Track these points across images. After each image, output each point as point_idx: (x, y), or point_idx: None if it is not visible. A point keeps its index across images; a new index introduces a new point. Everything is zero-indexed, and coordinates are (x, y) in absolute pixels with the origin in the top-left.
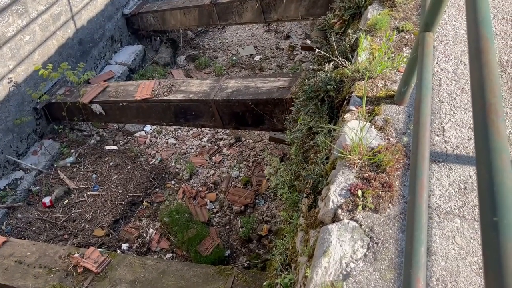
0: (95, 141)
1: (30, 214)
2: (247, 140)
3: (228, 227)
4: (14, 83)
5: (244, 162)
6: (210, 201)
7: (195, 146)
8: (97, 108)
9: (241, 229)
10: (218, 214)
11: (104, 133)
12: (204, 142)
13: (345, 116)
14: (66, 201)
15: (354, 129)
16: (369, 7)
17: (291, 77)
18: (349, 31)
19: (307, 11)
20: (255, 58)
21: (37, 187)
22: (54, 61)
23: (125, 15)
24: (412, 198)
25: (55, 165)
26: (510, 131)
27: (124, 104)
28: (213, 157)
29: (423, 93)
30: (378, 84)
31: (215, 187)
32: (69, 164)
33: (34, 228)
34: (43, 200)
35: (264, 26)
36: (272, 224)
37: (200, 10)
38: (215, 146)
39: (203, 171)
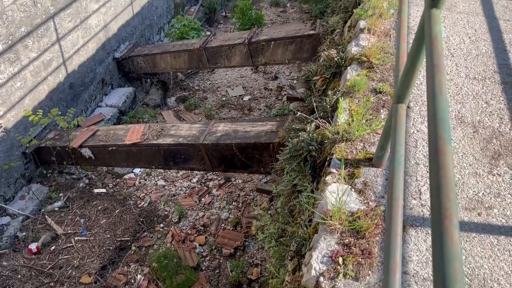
0: (84, 184)
1: (16, 261)
2: (237, 180)
3: (217, 271)
4: (4, 129)
5: (234, 203)
6: (200, 245)
7: (185, 187)
8: (86, 152)
9: (231, 273)
10: (207, 258)
11: (93, 176)
12: (194, 183)
13: (326, 179)
14: (53, 247)
15: (335, 192)
16: (348, 68)
17: (279, 121)
18: (329, 92)
19: (293, 55)
20: (244, 99)
21: (24, 233)
22: (45, 106)
23: (116, 59)
24: (386, 278)
25: (42, 210)
26: (483, 193)
27: (114, 148)
28: (203, 199)
29: (396, 167)
30: (357, 147)
31: (204, 229)
32: (57, 209)
33: (19, 276)
34: (29, 247)
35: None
36: (262, 268)
37: (190, 54)
38: (205, 187)
39: (192, 213)
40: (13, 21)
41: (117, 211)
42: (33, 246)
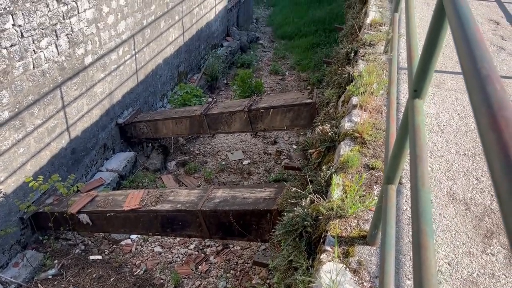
0: (79, 250)
1: None
2: (235, 247)
3: None
4: (3, 195)
5: (232, 271)
6: None
7: (182, 254)
8: (84, 218)
9: None
10: None
11: (90, 242)
12: (191, 249)
13: (321, 257)
14: None
15: (330, 273)
16: (341, 143)
17: (277, 187)
18: (324, 167)
19: (291, 122)
20: (243, 163)
21: None
22: (46, 171)
23: (119, 124)
24: None
25: (35, 278)
26: (477, 274)
27: (112, 214)
28: (200, 266)
29: (387, 251)
30: (351, 223)
31: None
32: (50, 277)
33: None
34: None
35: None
36: None
37: (191, 120)
38: (202, 254)
39: (188, 282)
40: (21, 90)
41: (111, 280)
42: None
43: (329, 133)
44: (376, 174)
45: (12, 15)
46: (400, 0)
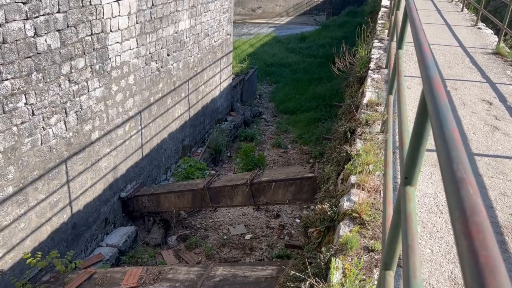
0: None
1: None
2: None
3: None
4: (0, 271)
5: None
6: None
7: None
8: None
9: None
10: None
11: None
12: None
13: None
14: None
15: None
16: (341, 223)
17: (279, 265)
18: (323, 249)
19: (293, 196)
20: (245, 237)
21: None
22: (45, 247)
23: (121, 198)
24: None
25: None
26: None
27: None
28: None
29: None
30: None
31: None
32: None
33: None
34: None
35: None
36: None
37: (193, 194)
38: None
39: None
40: (28, 166)
41: None
42: None
43: (329, 212)
44: (376, 257)
45: (25, 94)
46: (393, 83)
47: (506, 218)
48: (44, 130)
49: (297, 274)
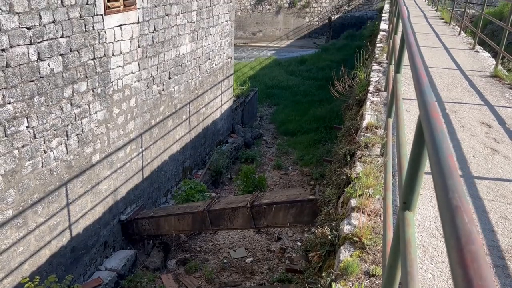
0: None
1: None
2: None
3: None
4: None
5: None
6: None
7: None
8: None
9: None
10: None
11: None
12: None
13: None
14: None
15: None
16: (341, 247)
17: None
18: (324, 274)
19: (294, 219)
20: (246, 261)
21: None
22: (43, 271)
23: (121, 221)
24: None
25: None
26: None
27: None
28: None
29: None
30: None
31: None
32: None
33: None
34: None
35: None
36: None
37: (193, 217)
38: None
39: None
40: (28, 189)
41: None
42: None
43: (329, 236)
44: (377, 282)
45: (27, 118)
46: (392, 106)
47: (508, 242)
48: (45, 153)
49: None
